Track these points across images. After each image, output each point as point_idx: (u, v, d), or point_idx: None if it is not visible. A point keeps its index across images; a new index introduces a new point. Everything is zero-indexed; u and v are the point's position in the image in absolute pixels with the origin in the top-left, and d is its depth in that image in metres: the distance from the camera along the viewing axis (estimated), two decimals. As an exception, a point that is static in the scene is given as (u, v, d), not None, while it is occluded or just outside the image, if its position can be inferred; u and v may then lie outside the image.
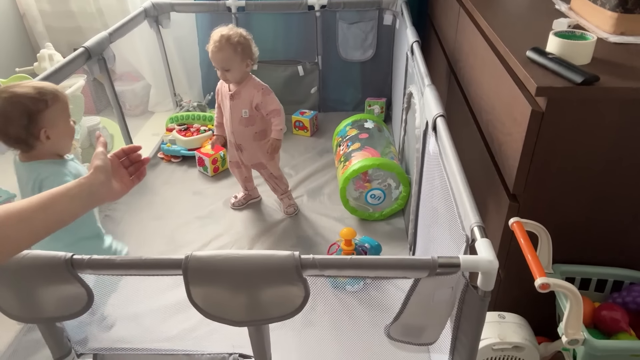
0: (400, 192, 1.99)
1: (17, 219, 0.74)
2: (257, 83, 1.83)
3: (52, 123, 1.23)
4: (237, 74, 1.76)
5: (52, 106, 1.23)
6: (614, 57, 1.19)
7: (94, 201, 0.86)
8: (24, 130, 1.20)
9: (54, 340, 1.02)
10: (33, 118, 1.19)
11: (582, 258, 1.31)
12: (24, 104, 1.19)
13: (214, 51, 1.71)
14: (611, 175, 1.17)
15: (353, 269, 0.86)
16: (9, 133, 1.20)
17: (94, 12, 2.88)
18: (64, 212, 0.80)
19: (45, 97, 1.22)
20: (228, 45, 1.69)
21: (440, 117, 1.27)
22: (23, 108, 1.18)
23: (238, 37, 1.71)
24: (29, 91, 1.20)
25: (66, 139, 1.30)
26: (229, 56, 1.71)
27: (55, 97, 1.24)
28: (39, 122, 1.21)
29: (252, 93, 1.80)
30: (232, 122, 1.86)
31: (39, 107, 1.20)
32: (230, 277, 0.85)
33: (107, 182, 0.88)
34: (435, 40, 2.31)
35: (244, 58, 1.74)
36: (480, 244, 0.88)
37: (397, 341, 1.02)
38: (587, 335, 1.12)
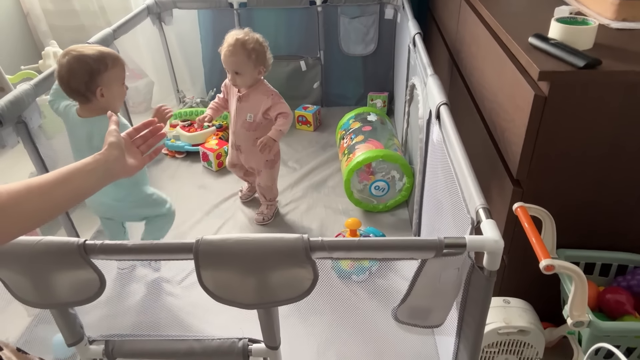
0: (404, 183, 2.01)
1: (39, 192, 0.77)
2: (267, 89, 1.81)
3: (108, 84, 1.41)
4: (248, 80, 1.75)
5: (111, 70, 1.42)
6: (616, 42, 1.20)
7: (109, 176, 0.88)
8: (83, 85, 1.39)
9: (67, 326, 1.03)
10: (93, 76, 1.39)
11: (586, 242, 1.32)
12: (88, 62, 1.38)
13: (226, 54, 1.70)
14: (615, 158, 1.18)
15: (361, 251, 0.87)
16: (71, 85, 1.40)
17: (97, 10, 2.90)
18: (82, 187, 0.83)
19: (106, 61, 1.41)
20: (242, 50, 1.68)
21: (443, 105, 1.28)
22: (86, 66, 1.38)
23: (254, 44, 1.70)
24: (93, 53, 1.40)
25: (118, 100, 1.49)
26: (242, 61, 1.69)
27: (114, 63, 1.43)
28: (97, 80, 1.39)
29: (261, 99, 1.79)
30: (236, 123, 1.85)
31: (100, 67, 1.39)
32: (240, 260, 0.87)
33: (121, 158, 0.91)
34: (436, 33, 2.32)
35: (257, 65, 1.73)
36: (486, 224, 0.89)
37: (404, 324, 1.03)
38: (592, 317, 1.13)
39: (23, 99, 1.45)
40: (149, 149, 1.03)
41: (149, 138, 1.04)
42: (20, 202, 0.74)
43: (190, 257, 0.87)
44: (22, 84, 1.50)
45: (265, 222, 2.01)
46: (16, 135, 1.47)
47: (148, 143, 1.03)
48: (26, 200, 0.75)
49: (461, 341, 1.07)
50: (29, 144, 1.52)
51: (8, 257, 0.89)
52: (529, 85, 1.13)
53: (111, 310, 1.35)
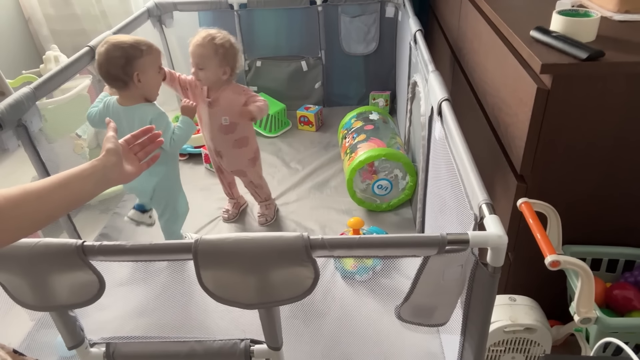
0: (407, 182, 1.99)
1: (37, 197, 0.76)
2: (238, 88, 1.75)
3: (144, 69, 1.49)
4: (210, 76, 1.67)
5: (146, 56, 1.49)
6: (619, 34, 1.18)
7: (106, 182, 0.88)
8: (121, 70, 1.47)
9: (67, 329, 1.02)
10: (129, 61, 1.46)
11: (593, 238, 1.30)
12: (124, 49, 1.46)
13: (194, 45, 1.64)
14: (620, 151, 1.16)
15: (362, 248, 0.86)
16: (110, 71, 1.48)
17: (98, 14, 2.90)
18: (79, 192, 0.83)
19: (141, 47, 1.49)
20: (210, 44, 1.62)
21: (445, 101, 1.27)
22: (123, 52, 1.46)
23: (224, 41, 1.64)
24: (129, 40, 1.49)
25: (154, 85, 1.57)
26: (207, 55, 1.63)
27: (149, 50, 1.51)
28: (134, 66, 1.47)
29: (233, 98, 1.72)
30: (211, 129, 1.78)
31: (135, 54, 1.47)
32: (240, 259, 0.85)
33: (118, 164, 0.91)
34: (438, 31, 2.31)
35: (222, 63, 1.65)
36: (489, 220, 0.88)
37: (407, 322, 1.02)
38: (599, 314, 1.11)
39: (23, 102, 1.45)
40: (146, 156, 1.03)
41: (146, 145, 1.03)
42: (18, 206, 0.74)
43: (189, 257, 0.86)
44: (22, 88, 1.49)
45: (268, 223, 2.00)
46: (17, 138, 1.46)
47: (146, 150, 1.03)
48: (24, 205, 0.75)
49: (466, 339, 1.05)
50: (30, 147, 1.51)
51: (6, 259, 0.88)
52: (531, 78, 1.11)
53: (112, 312, 1.34)
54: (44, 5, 2.90)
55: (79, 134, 2.17)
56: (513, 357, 1.31)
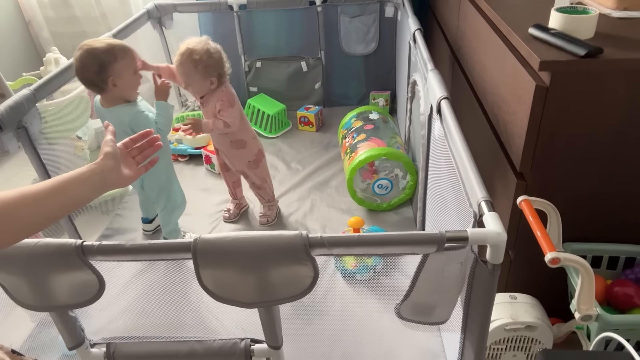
0: (408, 181, 1.99)
1: (34, 200, 0.76)
2: (219, 94, 1.71)
3: (119, 73, 1.50)
4: (198, 90, 1.69)
5: (120, 60, 1.50)
6: (618, 31, 1.18)
7: (104, 186, 0.88)
8: (96, 76, 1.49)
9: (68, 329, 1.03)
10: (103, 67, 1.48)
11: (593, 235, 1.30)
12: (98, 55, 1.47)
13: (175, 63, 1.64)
14: (620, 147, 1.16)
15: (361, 246, 0.86)
16: (85, 77, 1.51)
17: (98, 16, 2.91)
18: (77, 195, 0.83)
19: (115, 52, 1.49)
20: (189, 61, 1.60)
21: (444, 100, 1.27)
22: (96, 58, 1.47)
23: (201, 54, 1.60)
24: (102, 45, 1.49)
25: (131, 87, 1.58)
26: (188, 72, 1.62)
27: (123, 54, 1.51)
28: (108, 71, 1.49)
29: (213, 102, 1.72)
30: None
31: (109, 59, 1.48)
32: (239, 258, 0.85)
33: (116, 168, 0.91)
34: (437, 30, 2.31)
35: (205, 76, 1.64)
36: (488, 217, 0.88)
37: (407, 321, 1.02)
38: (600, 311, 1.11)
39: (23, 104, 1.45)
40: (144, 160, 1.02)
41: (145, 149, 1.03)
42: (15, 209, 0.74)
43: (188, 257, 0.86)
44: (22, 90, 1.50)
45: (269, 223, 2.00)
46: (17, 140, 1.46)
47: (144, 154, 1.02)
48: (21, 208, 0.75)
49: (467, 337, 1.05)
50: (30, 149, 1.51)
51: (6, 259, 0.88)
52: (530, 76, 1.11)
53: (112, 311, 1.35)
54: (44, 7, 2.91)
55: (80, 136, 2.17)
56: (514, 355, 1.31)
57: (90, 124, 2.34)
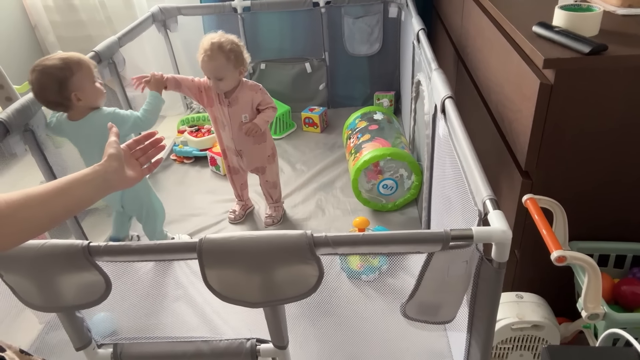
0: (413, 181, 1.99)
1: (38, 202, 0.77)
2: (251, 84, 1.76)
3: (80, 87, 1.46)
4: (230, 83, 1.69)
5: (77, 73, 1.45)
6: (622, 28, 1.18)
7: (108, 187, 0.88)
8: (58, 95, 1.43)
9: (75, 330, 1.03)
10: (63, 84, 1.43)
11: (600, 234, 1.29)
12: (53, 74, 1.42)
13: (205, 60, 1.63)
14: (626, 145, 1.15)
15: (366, 245, 0.86)
16: (48, 99, 1.45)
17: (103, 20, 2.93)
18: (80, 197, 0.83)
19: (70, 66, 1.44)
20: (220, 54, 1.61)
21: (448, 99, 1.27)
22: (53, 77, 1.41)
23: (230, 45, 1.63)
24: (56, 62, 1.43)
25: (96, 98, 1.53)
26: (221, 65, 1.62)
27: (78, 65, 1.46)
28: (69, 87, 1.44)
29: (250, 95, 1.74)
30: (232, 128, 1.80)
31: (66, 74, 1.43)
32: (244, 258, 0.86)
33: (120, 170, 0.91)
34: (441, 30, 2.31)
35: (237, 66, 1.66)
36: (493, 215, 0.87)
37: (413, 320, 1.02)
38: (607, 309, 1.10)
39: (29, 107, 1.47)
40: (148, 161, 1.03)
41: (148, 150, 1.03)
42: (19, 211, 0.74)
43: (194, 257, 0.87)
44: (29, 93, 1.51)
45: (275, 224, 2.00)
46: (24, 143, 1.48)
47: (147, 155, 1.03)
48: (24, 209, 0.75)
49: (473, 336, 1.05)
50: (37, 151, 1.53)
51: (14, 261, 0.89)
52: (534, 74, 1.11)
53: (118, 312, 1.35)
54: (50, 12, 2.93)
55: (86, 139, 2.18)
56: (521, 354, 1.30)
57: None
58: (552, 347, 0.86)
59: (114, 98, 2.84)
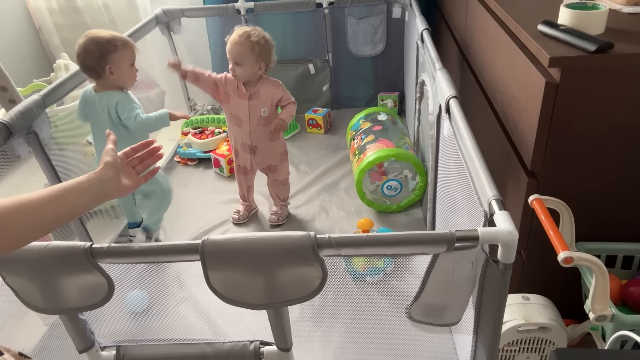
0: (417, 182, 1.98)
1: (30, 209, 0.75)
2: (273, 81, 1.85)
3: (117, 63, 1.62)
4: (246, 72, 1.75)
5: (120, 51, 1.61)
6: (629, 26, 1.16)
7: (103, 196, 0.86)
8: (95, 62, 1.60)
9: (77, 332, 1.03)
10: (103, 55, 1.59)
11: (607, 234, 1.28)
12: (100, 43, 1.59)
13: (232, 42, 1.73)
14: (632, 144, 1.14)
15: (370, 247, 0.85)
16: (85, 62, 1.61)
17: (107, 22, 2.93)
18: (74, 205, 0.82)
19: (116, 43, 1.61)
20: (247, 42, 1.71)
21: (453, 99, 1.26)
22: (98, 45, 1.59)
23: (259, 38, 1.73)
24: (106, 35, 1.61)
25: (128, 78, 1.68)
26: (244, 52, 1.71)
27: (124, 45, 1.63)
28: (107, 59, 1.60)
29: (271, 91, 1.82)
30: (251, 123, 1.83)
31: (110, 48, 1.59)
32: (247, 259, 0.85)
33: (116, 178, 0.89)
34: (445, 30, 2.30)
35: (258, 59, 1.74)
36: (499, 216, 0.86)
37: (418, 322, 1.01)
38: (615, 311, 1.09)
39: (32, 109, 1.47)
40: (145, 170, 1.01)
41: (145, 159, 1.02)
42: (11, 218, 0.73)
43: (197, 258, 0.86)
44: (32, 95, 1.51)
45: (280, 223, 1.99)
46: (27, 145, 1.48)
47: (144, 164, 1.02)
48: (17, 215, 0.74)
49: (479, 339, 1.04)
50: (40, 154, 1.52)
51: (16, 263, 0.89)
52: (539, 73, 1.10)
53: (121, 314, 1.35)
54: (54, 14, 2.94)
55: (90, 141, 2.19)
56: (528, 357, 1.29)
57: (100, 129, 2.36)
58: (560, 350, 0.85)
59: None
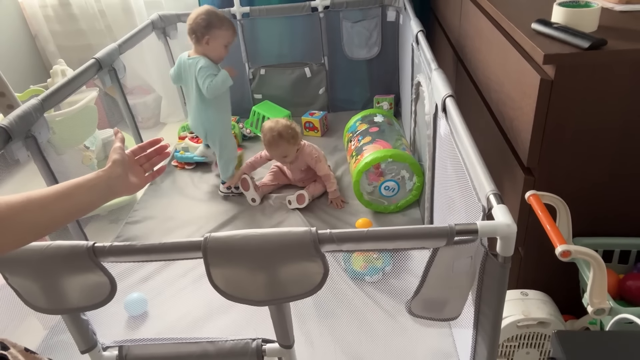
0: (414, 182, 1.99)
1: (39, 205, 0.76)
2: (309, 152, 2.10)
3: (214, 39, 1.95)
4: (292, 157, 2.08)
5: (223, 30, 1.95)
6: (621, 24, 1.18)
7: (111, 193, 0.87)
8: (199, 27, 1.93)
9: (80, 332, 1.03)
10: (208, 26, 1.93)
11: (604, 229, 1.29)
12: (211, 16, 1.94)
13: (270, 145, 2.02)
14: (628, 139, 1.15)
15: (370, 241, 0.86)
16: (193, 23, 1.95)
17: (103, 29, 2.95)
18: (82, 202, 0.83)
19: (224, 23, 1.96)
20: (281, 140, 1.99)
21: (449, 97, 1.28)
22: (209, 16, 1.94)
23: (287, 131, 1.99)
24: (219, 13, 1.99)
25: (217, 54, 1.99)
26: (284, 149, 2.02)
27: (228, 27, 1.97)
28: (209, 31, 1.93)
29: (306, 160, 2.11)
30: (293, 174, 2.19)
31: (216, 23, 1.94)
32: (249, 255, 0.86)
33: (124, 176, 0.90)
34: (440, 32, 2.32)
35: (295, 145, 2.04)
36: (497, 209, 0.87)
37: (418, 317, 1.02)
38: (613, 304, 1.10)
39: (31, 113, 1.47)
40: (152, 168, 1.02)
41: (153, 157, 1.03)
42: (19, 214, 0.74)
43: (199, 256, 0.87)
44: (30, 100, 1.51)
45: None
46: (26, 149, 1.48)
47: (152, 162, 1.02)
48: (25, 212, 0.75)
49: (479, 333, 1.05)
50: (39, 158, 1.53)
51: (19, 263, 0.89)
52: (534, 70, 1.11)
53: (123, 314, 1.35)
54: (50, 21, 2.95)
55: (87, 146, 2.19)
56: (527, 352, 1.30)
57: (97, 134, 2.37)
58: (561, 332, 0.86)
59: (115, 105, 2.86)
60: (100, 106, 2.76)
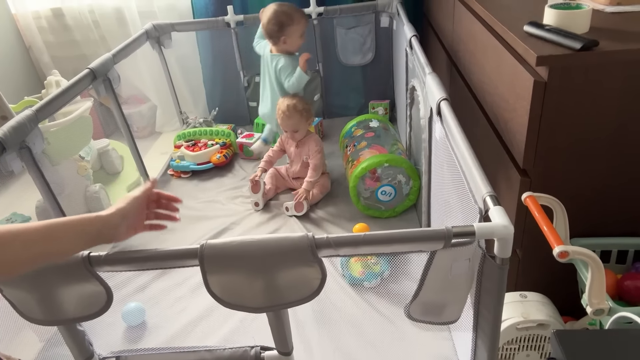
0: (411, 187, 1.99)
1: (21, 243, 0.74)
2: (316, 139, 2.15)
3: (290, 34, 2.05)
4: (303, 133, 2.13)
5: (296, 25, 2.04)
6: (612, 25, 1.19)
7: (100, 240, 0.84)
8: (274, 30, 2.04)
9: (76, 343, 1.02)
10: (280, 26, 2.02)
11: (601, 230, 1.29)
12: (280, 15, 2.02)
13: (284, 119, 2.05)
14: (622, 139, 1.16)
15: (368, 245, 0.86)
16: (267, 28, 2.05)
17: (97, 39, 2.94)
18: (66, 246, 0.81)
19: (294, 17, 2.03)
20: (295, 112, 2.03)
21: (444, 101, 1.28)
22: (278, 17, 2.02)
23: (302, 105, 2.06)
24: (286, 10, 2.04)
25: (295, 46, 2.12)
26: (297, 121, 2.06)
27: (299, 20, 2.05)
28: (283, 30, 2.04)
29: (310, 147, 2.13)
30: (296, 164, 2.19)
31: (287, 22, 2.01)
32: (246, 262, 0.85)
33: (119, 228, 0.88)
34: (433, 37, 2.33)
35: (307, 119, 2.10)
36: (494, 211, 0.87)
37: (418, 321, 1.01)
38: (612, 304, 1.10)
39: (25, 124, 1.47)
40: (154, 219, 1.01)
41: (162, 208, 1.02)
42: (1, 247, 0.72)
43: (195, 263, 0.86)
44: (24, 110, 1.51)
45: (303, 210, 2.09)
46: (20, 160, 1.47)
47: (158, 216, 1.01)
48: (8, 247, 0.73)
49: (478, 336, 1.04)
50: (34, 169, 1.52)
51: (13, 274, 0.88)
52: (527, 72, 1.12)
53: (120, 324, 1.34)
54: (44, 32, 2.95)
55: (82, 156, 2.19)
56: (527, 355, 1.29)
57: (92, 144, 2.36)
58: (560, 332, 0.86)
59: (110, 114, 2.86)
60: (95, 116, 2.76)
